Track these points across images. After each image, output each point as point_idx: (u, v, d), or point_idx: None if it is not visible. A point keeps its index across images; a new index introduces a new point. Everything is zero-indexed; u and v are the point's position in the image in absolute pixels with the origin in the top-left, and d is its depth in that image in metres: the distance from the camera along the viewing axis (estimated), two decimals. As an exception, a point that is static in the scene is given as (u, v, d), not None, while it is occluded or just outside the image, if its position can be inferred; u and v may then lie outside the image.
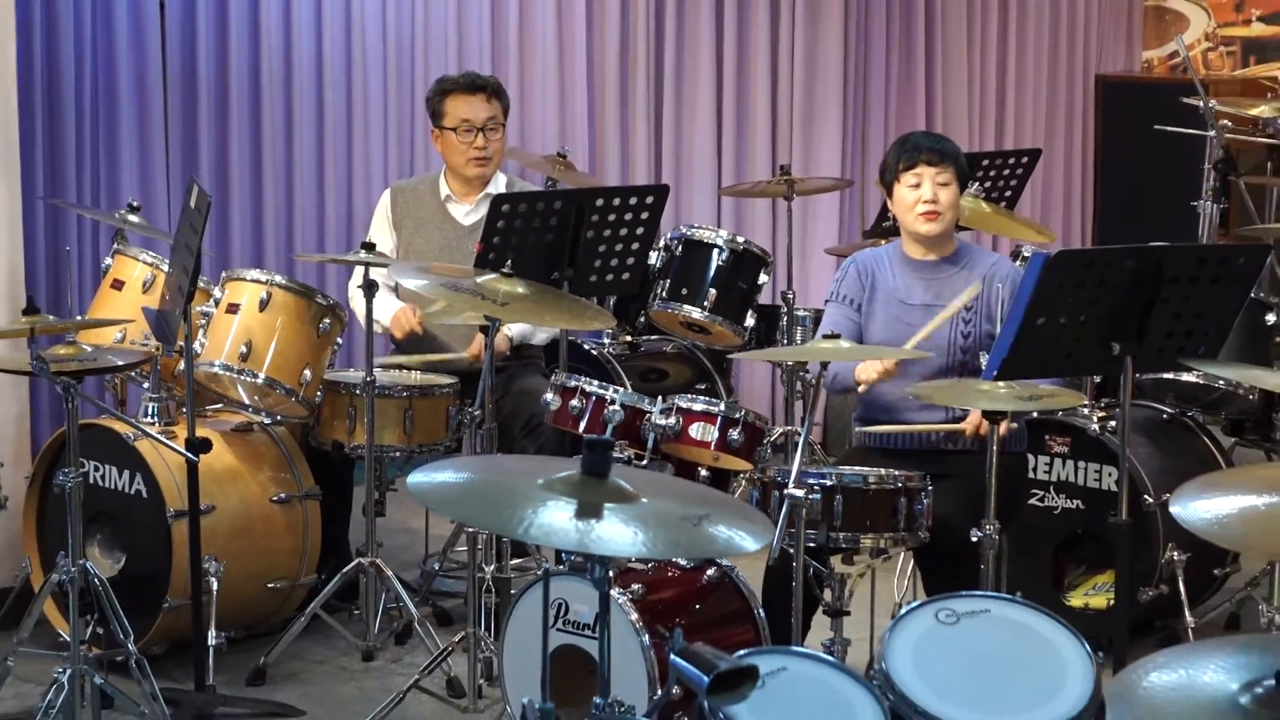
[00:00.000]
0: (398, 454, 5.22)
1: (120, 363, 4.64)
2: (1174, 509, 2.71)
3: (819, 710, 3.52)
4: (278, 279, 5.12)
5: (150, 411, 5.06)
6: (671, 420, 4.55)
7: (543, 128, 7.22)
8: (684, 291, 5.93)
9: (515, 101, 6.52)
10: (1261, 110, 6.56)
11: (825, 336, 4.24)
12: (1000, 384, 4.07)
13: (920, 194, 4.65)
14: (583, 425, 4.61)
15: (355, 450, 5.17)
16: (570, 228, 4.80)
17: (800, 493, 4.01)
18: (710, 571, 4.32)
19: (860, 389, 4.59)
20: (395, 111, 6.88)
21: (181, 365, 4.69)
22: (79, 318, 5.20)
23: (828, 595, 4.22)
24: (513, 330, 5.53)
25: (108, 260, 5.30)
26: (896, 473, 4.22)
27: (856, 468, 4.33)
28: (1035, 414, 4.98)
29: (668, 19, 7.53)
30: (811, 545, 4.13)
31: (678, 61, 7.58)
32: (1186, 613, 5.04)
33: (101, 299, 5.26)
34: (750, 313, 6.00)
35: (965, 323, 4.66)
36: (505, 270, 4.33)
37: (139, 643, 4.59)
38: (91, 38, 5.94)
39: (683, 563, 4.33)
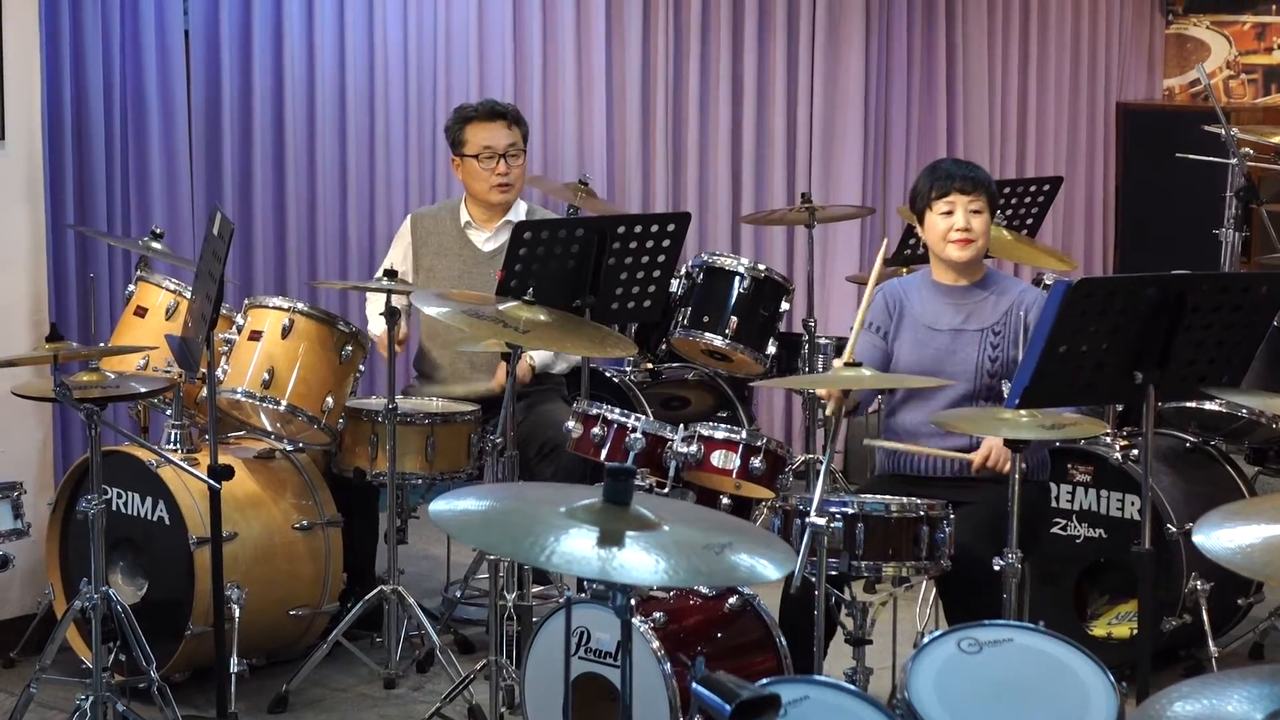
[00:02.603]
0: (419, 481, 5.23)
1: (143, 390, 4.65)
2: (1197, 538, 2.70)
3: (841, 739, 3.51)
4: (300, 306, 5.14)
5: (173, 438, 5.07)
6: (693, 448, 4.55)
7: (564, 156, 7.24)
8: (705, 319, 5.94)
9: (538, 130, 6.55)
10: (1283, 138, 6.55)
11: (847, 364, 4.24)
12: (1022, 412, 4.07)
13: (953, 221, 4.65)
14: (604, 453, 4.61)
15: (377, 477, 5.18)
16: (592, 255, 4.82)
17: (822, 521, 4.00)
18: (732, 600, 4.31)
19: (827, 411, 4.52)
20: (417, 139, 6.90)
21: (204, 392, 4.70)
22: (102, 345, 5.22)
23: (849, 624, 4.21)
24: (535, 358, 5.54)
25: (131, 287, 5.32)
26: (918, 501, 4.21)
27: (878, 496, 4.32)
28: (1058, 442, 4.97)
29: (688, 48, 7.55)
30: (833, 573, 4.12)
31: (699, 90, 7.59)
32: (1210, 642, 5.02)
33: (125, 326, 5.28)
34: (771, 340, 6.00)
35: (993, 348, 4.66)
36: (527, 298, 4.34)
37: (161, 670, 4.61)
38: (120, 69, 5.98)
39: (704, 591, 4.33)
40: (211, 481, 4.45)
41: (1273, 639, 5.39)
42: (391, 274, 4.99)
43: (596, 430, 4.63)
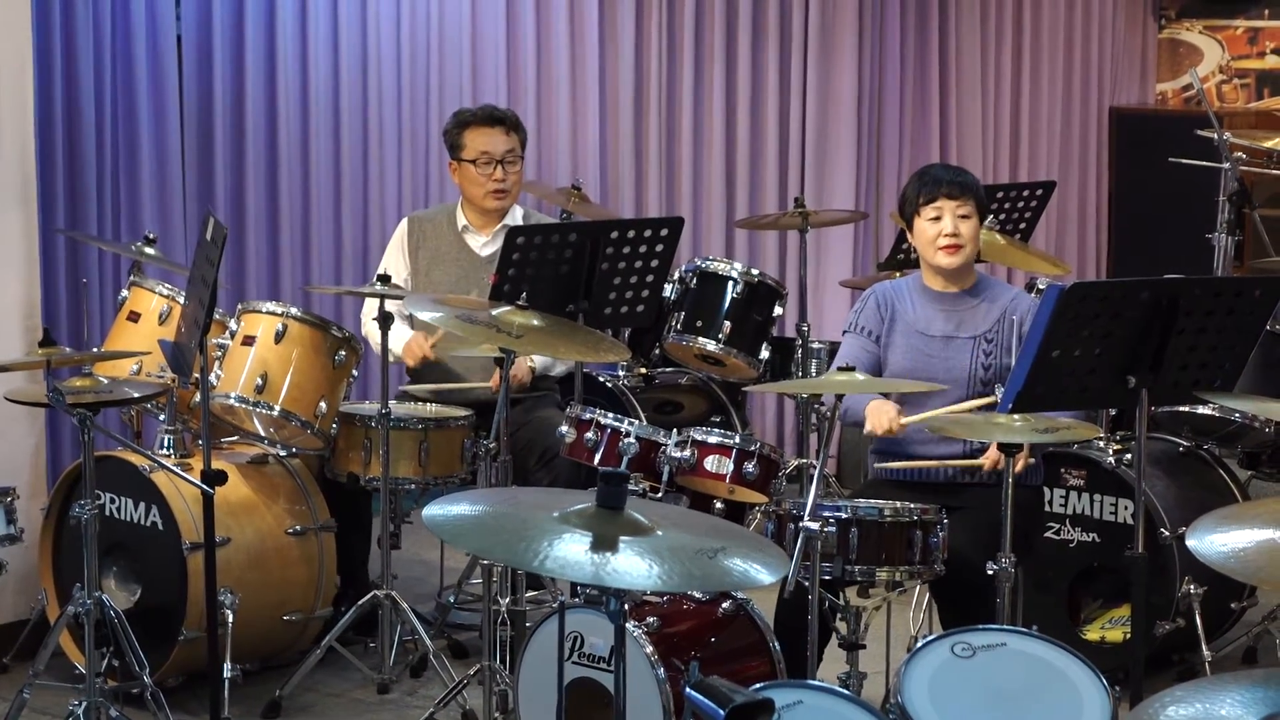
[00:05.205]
0: (413, 486, 5.22)
1: (136, 395, 4.65)
2: (1190, 542, 2.70)
3: (835, 744, 3.52)
4: (293, 311, 5.13)
5: (166, 443, 5.07)
6: (686, 453, 4.55)
7: (557, 161, 7.24)
8: (699, 324, 5.94)
9: (531, 135, 6.55)
10: (1276, 143, 6.56)
11: (840, 369, 4.24)
12: (1016, 417, 4.07)
13: (941, 227, 4.65)
14: (598, 458, 4.61)
15: (370, 482, 5.17)
16: (585, 260, 4.82)
17: (815, 525, 4.01)
18: (726, 604, 4.31)
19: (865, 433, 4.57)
20: (410, 144, 6.90)
21: (197, 397, 4.70)
22: (95, 350, 5.21)
23: (843, 628, 4.21)
24: (536, 359, 5.52)
25: (124, 292, 5.31)
26: (912, 506, 4.21)
27: (872, 500, 4.32)
28: (1051, 447, 4.98)
29: (681, 52, 7.55)
30: (827, 578, 4.12)
31: (693, 94, 7.59)
32: (1203, 646, 5.02)
33: (118, 331, 5.28)
34: (765, 345, 6.00)
35: (985, 355, 4.66)
36: (520, 302, 4.33)
37: (155, 675, 4.60)
38: (111, 72, 5.96)
39: (698, 595, 4.33)
40: (204, 486, 4.44)
41: (1266, 643, 5.40)
42: (385, 279, 4.98)
43: (590, 435, 4.62)
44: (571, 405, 4.78)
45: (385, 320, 4.93)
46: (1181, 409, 5.26)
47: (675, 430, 4.63)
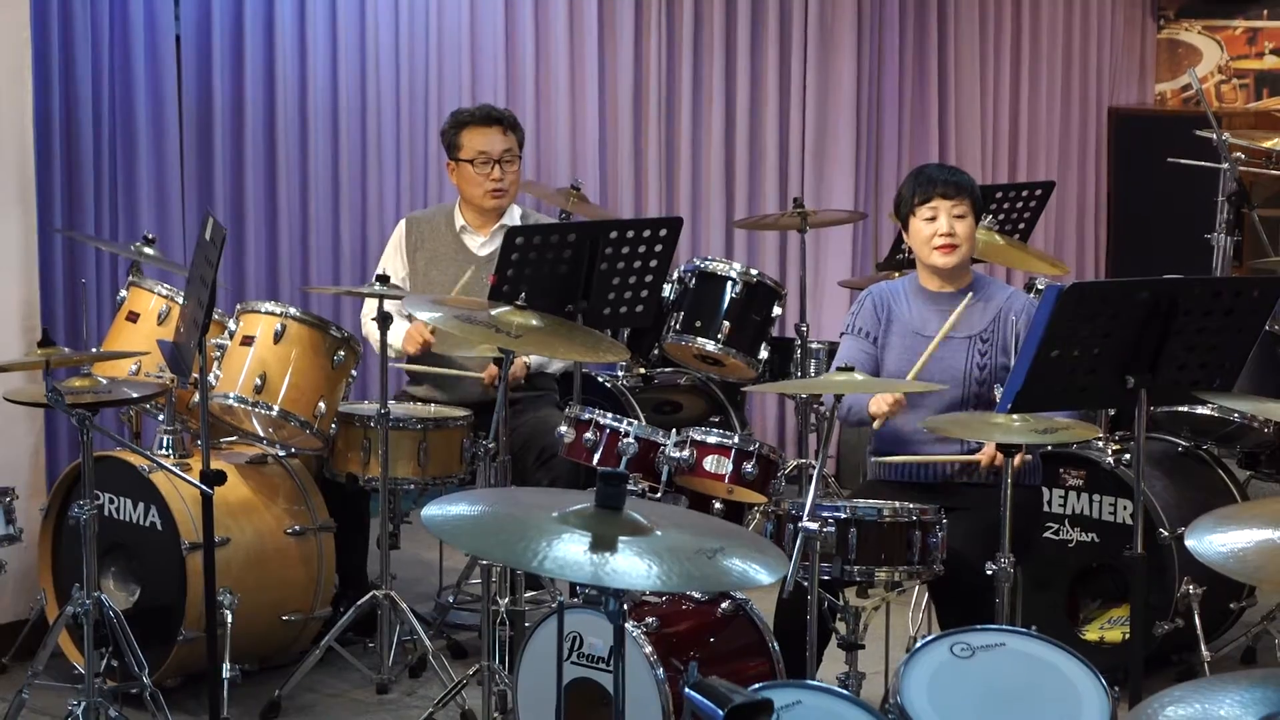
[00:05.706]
0: (412, 486, 5.22)
1: (135, 395, 4.65)
2: (1189, 542, 2.71)
3: (834, 744, 3.52)
4: (292, 311, 5.13)
5: (165, 444, 5.06)
6: (685, 453, 4.55)
7: (556, 161, 7.24)
8: (698, 324, 5.94)
9: (530, 135, 6.56)
10: (1275, 143, 6.56)
11: (839, 369, 4.24)
12: (1015, 417, 4.07)
13: (936, 227, 4.65)
14: (597, 458, 4.61)
15: (370, 483, 5.17)
16: (584, 260, 4.81)
17: (815, 526, 4.01)
18: (725, 605, 4.31)
19: (875, 424, 4.58)
20: (409, 144, 6.90)
21: (196, 397, 4.70)
22: (94, 350, 5.21)
23: (842, 628, 4.21)
24: (530, 357, 5.52)
25: (123, 293, 5.31)
26: (911, 506, 4.21)
27: (871, 501, 4.32)
28: (1050, 447, 4.98)
29: (680, 52, 7.55)
30: (826, 578, 4.12)
31: (691, 95, 7.59)
32: (1202, 646, 5.02)
33: (116, 331, 5.27)
34: (764, 345, 6.00)
35: (980, 354, 4.66)
36: (519, 303, 4.33)
37: (154, 675, 4.60)
38: (109, 71, 5.96)
39: (697, 596, 4.33)
40: (203, 487, 4.44)
41: (1265, 643, 5.40)
42: (384, 279, 4.98)
43: (589, 435, 4.63)
44: (570, 405, 4.78)
45: (384, 320, 4.94)
46: (1180, 409, 5.26)
47: (674, 430, 4.63)
